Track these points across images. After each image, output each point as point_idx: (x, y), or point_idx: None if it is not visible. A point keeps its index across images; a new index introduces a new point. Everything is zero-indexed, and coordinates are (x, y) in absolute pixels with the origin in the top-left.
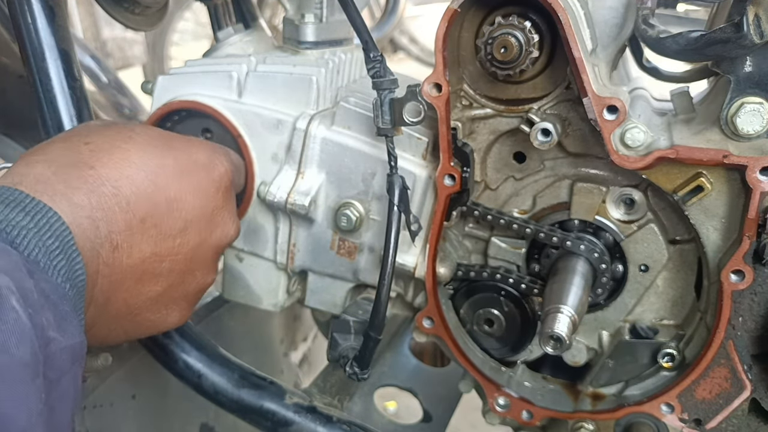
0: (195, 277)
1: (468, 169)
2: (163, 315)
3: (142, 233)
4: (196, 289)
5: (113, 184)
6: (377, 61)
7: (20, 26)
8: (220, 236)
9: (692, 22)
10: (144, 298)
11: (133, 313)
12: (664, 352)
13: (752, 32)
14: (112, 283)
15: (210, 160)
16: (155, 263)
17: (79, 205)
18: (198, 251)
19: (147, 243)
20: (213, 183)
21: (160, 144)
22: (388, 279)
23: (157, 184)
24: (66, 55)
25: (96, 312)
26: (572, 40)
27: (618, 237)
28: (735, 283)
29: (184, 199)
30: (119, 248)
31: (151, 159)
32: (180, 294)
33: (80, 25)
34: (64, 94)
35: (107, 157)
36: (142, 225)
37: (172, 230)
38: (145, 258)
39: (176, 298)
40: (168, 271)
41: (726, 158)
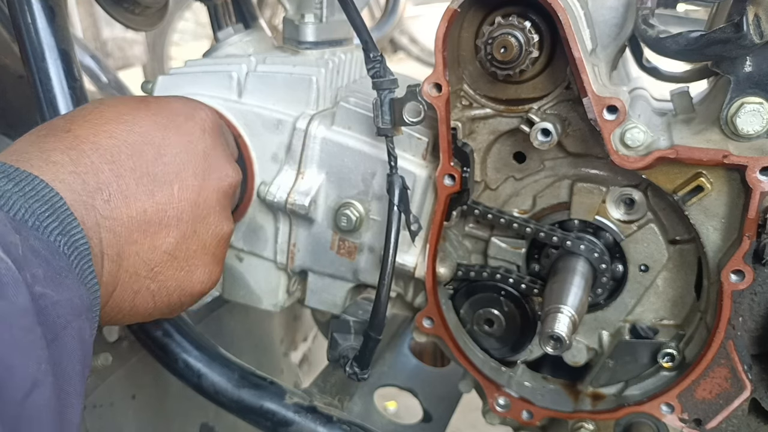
0: (208, 224)
1: (468, 169)
2: (187, 272)
3: (136, 182)
4: (214, 239)
5: (92, 140)
6: (377, 61)
7: (20, 26)
8: (219, 178)
9: (692, 22)
10: (160, 252)
11: (154, 270)
12: (664, 352)
13: (752, 32)
14: (118, 236)
15: (187, 106)
16: (159, 213)
17: (58, 163)
18: (201, 195)
19: (143, 192)
20: (196, 125)
21: (131, 101)
22: (388, 279)
23: (139, 133)
24: (66, 55)
25: (112, 267)
26: (572, 40)
27: (618, 237)
28: (735, 283)
29: (170, 143)
30: (113, 199)
31: (126, 113)
32: (197, 245)
33: (80, 25)
34: (64, 94)
35: (81, 120)
36: (133, 174)
37: (165, 176)
38: (145, 208)
39: (195, 251)
40: (176, 220)
41: (726, 158)
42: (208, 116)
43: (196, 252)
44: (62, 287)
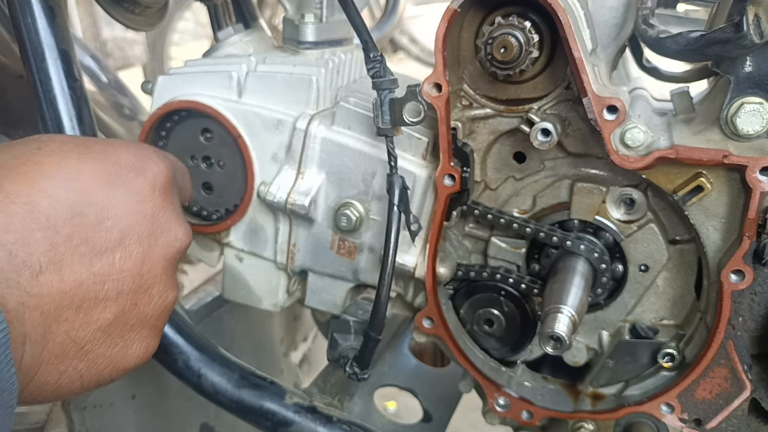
0: (150, 296)
1: (468, 169)
2: (122, 348)
3: (72, 252)
4: (155, 311)
5: (25, 200)
6: (377, 61)
7: (20, 26)
8: (167, 243)
9: (692, 22)
10: (92, 329)
11: (84, 349)
12: (664, 352)
13: (752, 32)
14: (46, 314)
15: (138, 159)
16: (96, 285)
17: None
18: (146, 264)
19: (80, 263)
20: (146, 183)
21: (76, 149)
22: (388, 279)
23: (80, 192)
24: (66, 55)
25: (35, 350)
26: (572, 40)
27: (618, 237)
28: (735, 283)
29: (115, 205)
30: (45, 272)
31: (67, 166)
32: (136, 319)
33: (80, 25)
34: (64, 94)
35: (15, 173)
36: (69, 241)
37: (107, 243)
38: (81, 281)
39: (133, 325)
40: (115, 293)
41: (726, 158)
42: (161, 171)
43: (133, 326)
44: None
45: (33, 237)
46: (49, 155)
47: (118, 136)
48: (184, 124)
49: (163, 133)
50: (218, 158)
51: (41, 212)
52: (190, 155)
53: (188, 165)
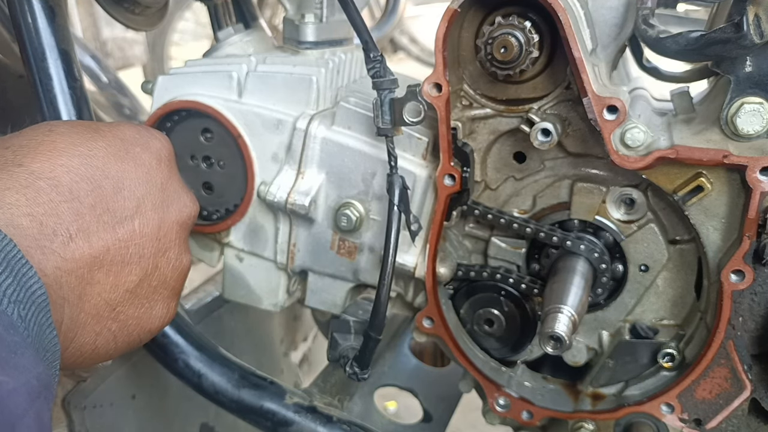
0: (168, 259)
1: (468, 169)
2: (147, 309)
3: (96, 220)
4: (174, 272)
5: (48, 176)
6: (377, 61)
7: (20, 26)
8: (178, 210)
9: (692, 22)
10: (122, 290)
11: (116, 310)
12: (664, 352)
13: (752, 32)
14: (80, 278)
15: (141, 135)
16: (121, 250)
17: (13, 205)
18: (162, 229)
19: (104, 230)
20: (152, 155)
21: (84, 130)
22: (388, 279)
23: (96, 167)
24: (66, 55)
25: (73, 312)
26: (572, 40)
27: (618, 237)
28: (735, 283)
29: (128, 177)
30: (75, 238)
31: (81, 143)
32: (158, 281)
33: (80, 25)
34: (64, 94)
35: (33, 152)
36: (93, 211)
37: (126, 211)
38: (108, 246)
39: (156, 287)
40: (138, 257)
41: (726, 158)
42: (163, 146)
43: (156, 288)
44: (17, 370)
45: (60, 208)
46: (62, 135)
47: None
48: (184, 124)
49: (166, 129)
50: (218, 158)
51: (65, 186)
52: (190, 155)
53: (188, 165)
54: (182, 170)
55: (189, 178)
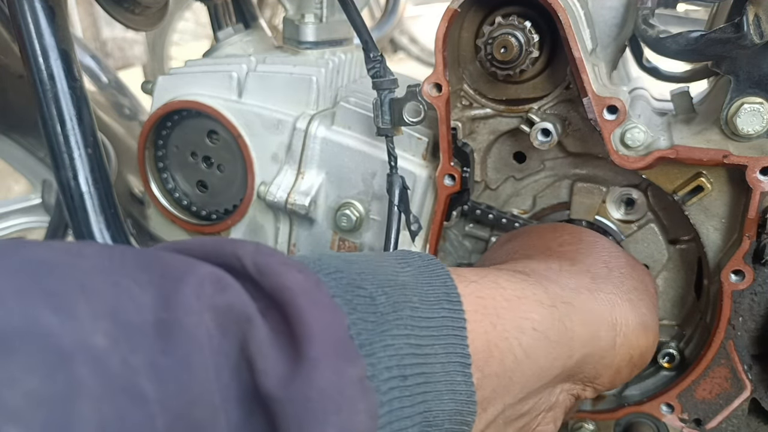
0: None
1: (468, 169)
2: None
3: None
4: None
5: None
6: (377, 61)
7: (20, 26)
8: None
9: (692, 22)
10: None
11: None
12: (664, 352)
13: (752, 32)
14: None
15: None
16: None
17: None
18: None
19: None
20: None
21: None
22: None
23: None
24: (66, 55)
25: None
26: (572, 40)
27: (618, 237)
28: (735, 283)
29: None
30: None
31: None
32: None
33: (80, 25)
34: (64, 94)
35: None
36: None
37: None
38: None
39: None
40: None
41: (726, 158)
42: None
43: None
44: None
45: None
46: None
47: (118, 136)
48: (184, 124)
49: (164, 132)
50: (219, 161)
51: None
52: (191, 152)
53: (188, 162)
54: (181, 165)
55: (186, 174)
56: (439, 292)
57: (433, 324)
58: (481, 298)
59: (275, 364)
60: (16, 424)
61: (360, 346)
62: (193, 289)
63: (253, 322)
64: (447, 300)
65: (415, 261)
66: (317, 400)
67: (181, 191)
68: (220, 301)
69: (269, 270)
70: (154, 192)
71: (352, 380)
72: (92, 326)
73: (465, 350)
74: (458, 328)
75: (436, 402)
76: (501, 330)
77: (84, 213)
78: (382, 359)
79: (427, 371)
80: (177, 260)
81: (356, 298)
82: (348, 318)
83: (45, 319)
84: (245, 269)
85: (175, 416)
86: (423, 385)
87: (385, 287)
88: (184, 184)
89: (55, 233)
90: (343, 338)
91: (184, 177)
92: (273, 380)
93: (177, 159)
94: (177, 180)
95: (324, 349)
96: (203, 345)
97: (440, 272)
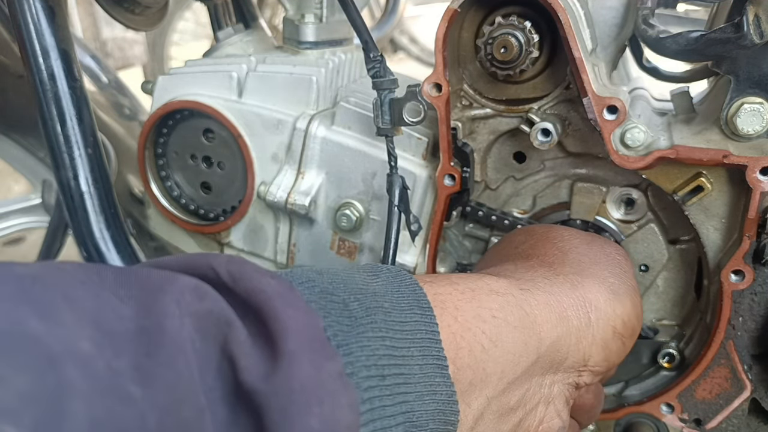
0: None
1: (468, 169)
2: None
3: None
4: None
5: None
6: (377, 61)
7: (20, 26)
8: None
9: (692, 22)
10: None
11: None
12: (664, 352)
13: (752, 32)
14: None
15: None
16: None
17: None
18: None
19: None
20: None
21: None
22: None
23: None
24: (66, 55)
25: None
26: (572, 40)
27: (618, 237)
28: (735, 283)
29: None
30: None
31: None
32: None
33: (80, 25)
34: (64, 94)
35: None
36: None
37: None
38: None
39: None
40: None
41: (726, 158)
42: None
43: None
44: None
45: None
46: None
47: (118, 136)
48: (184, 124)
49: (165, 130)
50: (219, 159)
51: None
52: (190, 154)
53: (188, 164)
54: (182, 169)
55: (188, 177)
56: (409, 299)
57: (407, 328)
58: (438, 294)
59: (256, 360)
60: (8, 422)
61: (337, 345)
62: (174, 298)
63: (232, 325)
64: (418, 306)
65: (383, 273)
66: (299, 392)
67: (186, 196)
68: (200, 308)
69: (243, 276)
70: (154, 192)
71: (332, 374)
72: (77, 332)
73: (440, 353)
74: (431, 332)
75: (418, 403)
76: (462, 321)
77: (84, 213)
78: (360, 358)
79: (405, 372)
80: (156, 274)
81: (330, 304)
82: (323, 320)
83: (32, 324)
84: (220, 278)
85: (164, 413)
86: (402, 385)
87: (357, 294)
88: (188, 188)
89: (55, 233)
90: (319, 336)
91: (187, 180)
92: (255, 376)
93: (178, 164)
94: (181, 186)
95: (300, 344)
96: (186, 348)
97: (409, 282)
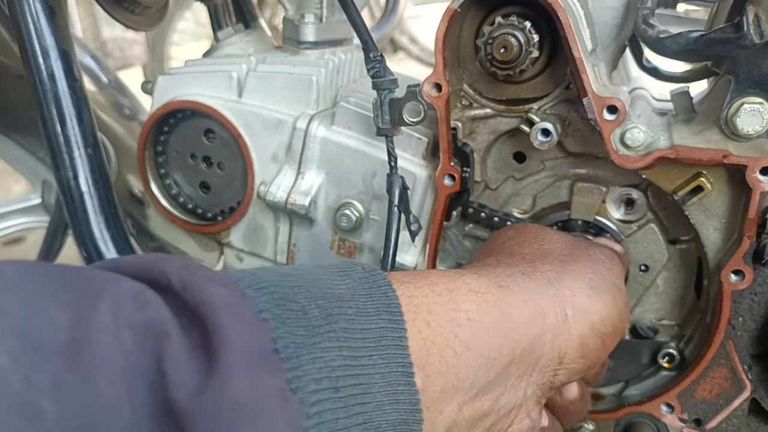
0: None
1: (468, 169)
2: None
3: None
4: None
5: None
6: (377, 61)
7: (20, 26)
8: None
9: (692, 22)
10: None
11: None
12: (664, 352)
13: (752, 32)
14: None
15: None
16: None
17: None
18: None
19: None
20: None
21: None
22: None
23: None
24: (66, 55)
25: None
26: (572, 40)
27: (618, 237)
28: (735, 283)
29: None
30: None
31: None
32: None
33: (80, 25)
34: (64, 94)
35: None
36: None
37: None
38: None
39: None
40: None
41: (726, 158)
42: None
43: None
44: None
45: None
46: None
47: (118, 136)
48: (184, 124)
49: (165, 130)
50: (219, 159)
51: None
52: (190, 154)
53: (188, 164)
54: (182, 169)
55: (188, 177)
56: (378, 303)
57: (370, 335)
58: (412, 297)
59: (188, 375)
60: None
61: (286, 359)
62: (111, 306)
63: (169, 335)
64: (386, 311)
65: (356, 273)
66: (229, 410)
67: (185, 196)
68: (139, 318)
69: (193, 285)
70: (154, 192)
71: (270, 391)
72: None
73: (407, 359)
74: (398, 338)
75: (378, 412)
76: (435, 326)
77: (84, 213)
78: (310, 371)
79: (364, 382)
80: (99, 277)
81: (286, 312)
82: (275, 332)
83: None
84: (171, 285)
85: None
86: (360, 396)
87: (319, 300)
88: (187, 187)
89: (55, 233)
90: (262, 350)
91: (186, 180)
92: (183, 392)
93: (178, 163)
94: (180, 184)
95: (239, 359)
96: (115, 362)
97: (381, 283)
